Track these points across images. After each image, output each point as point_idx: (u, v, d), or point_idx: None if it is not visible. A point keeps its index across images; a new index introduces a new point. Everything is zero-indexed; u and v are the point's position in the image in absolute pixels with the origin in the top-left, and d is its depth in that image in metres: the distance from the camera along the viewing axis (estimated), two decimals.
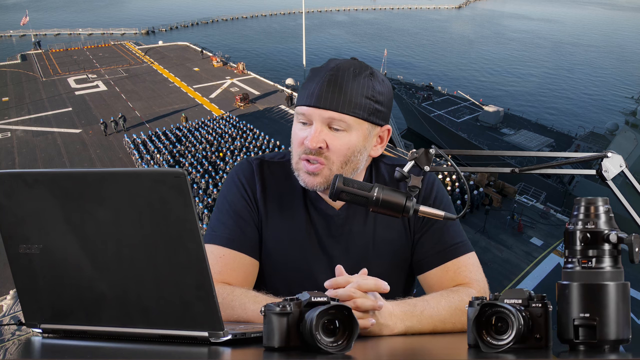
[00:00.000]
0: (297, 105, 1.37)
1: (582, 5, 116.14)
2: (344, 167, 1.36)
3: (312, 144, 1.32)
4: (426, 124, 35.21)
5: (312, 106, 1.32)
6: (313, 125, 1.33)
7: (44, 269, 0.93)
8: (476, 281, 1.37)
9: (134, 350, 0.89)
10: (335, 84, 1.32)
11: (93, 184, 0.88)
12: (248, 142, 27.84)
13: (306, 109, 1.34)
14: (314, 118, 1.33)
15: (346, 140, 1.34)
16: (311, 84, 1.35)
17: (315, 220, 1.44)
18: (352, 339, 0.83)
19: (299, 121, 1.37)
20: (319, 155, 1.33)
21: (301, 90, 1.39)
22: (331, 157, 1.34)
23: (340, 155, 1.34)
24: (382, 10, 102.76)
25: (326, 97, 1.31)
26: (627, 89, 45.32)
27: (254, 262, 1.43)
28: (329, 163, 1.34)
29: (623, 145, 26.36)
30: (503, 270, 17.80)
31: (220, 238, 1.40)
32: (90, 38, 64.79)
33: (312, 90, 1.34)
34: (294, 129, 1.39)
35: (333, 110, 1.31)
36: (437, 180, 1.49)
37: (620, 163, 0.98)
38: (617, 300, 0.82)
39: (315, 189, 1.37)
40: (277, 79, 42.19)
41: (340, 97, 1.32)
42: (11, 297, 14.37)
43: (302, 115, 1.35)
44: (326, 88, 1.32)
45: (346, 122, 1.33)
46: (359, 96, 1.33)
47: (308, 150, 1.33)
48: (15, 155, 28.32)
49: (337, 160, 1.35)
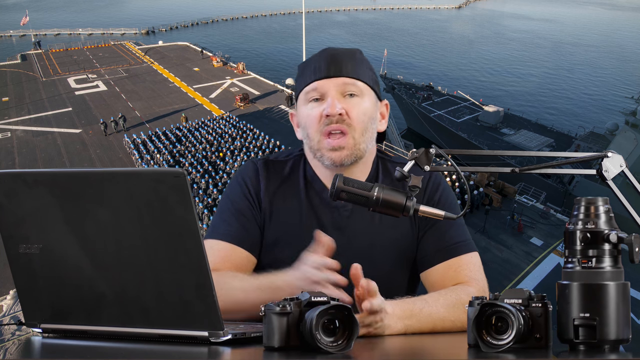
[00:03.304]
0: (305, 85, 1.39)
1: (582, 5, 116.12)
2: (364, 135, 1.38)
3: (333, 110, 1.33)
4: (426, 124, 35.20)
5: (324, 78, 1.36)
6: (328, 97, 1.36)
7: (44, 268, 0.93)
8: (476, 280, 1.37)
9: (134, 350, 0.89)
10: (338, 57, 1.38)
11: (93, 184, 0.88)
12: (248, 142, 27.83)
13: (317, 82, 1.37)
14: (328, 88, 1.36)
15: (363, 105, 1.38)
16: (310, 66, 1.39)
17: (320, 212, 1.44)
18: (352, 338, 0.83)
19: (311, 99, 1.38)
20: (342, 123, 1.35)
21: (301, 77, 1.42)
22: (352, 123, 1.36)
23: (360, 121, 1.37)
24: (382, 10, 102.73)
25: (335, 67, 1.36)
26: (627, 89, 45.28)
27: (250, 258, 1.43)
28: (352, 131, 1.36)
29: (623, 145, 26.35)
30: (503, 270, 17.80)
31: (220, 234, 1.41)
32: (90, 38, 64.79)
33: (317, 66, 1.37)
34: (305, 111, 1.39)
35: (345, 77, 1.36)
36: (443, 181, 1.49)
37: (620, 163, 0.98)
38: (617, 300, 0.82)
39: (344, 163, 1.37)
40: (277, 79, 42.17)
41: (348, 65, 1.37)
42: (11, 297, 14.37)
43: (313, 91, 1.37)
44: (331, 60, 1.37)
45: (359, 87, 1.37)
46: (362, 67, 1.40)
47: (329, 121, 1.34)
48: (15, 155, 28.32)
49: (358, 127, 1.37)
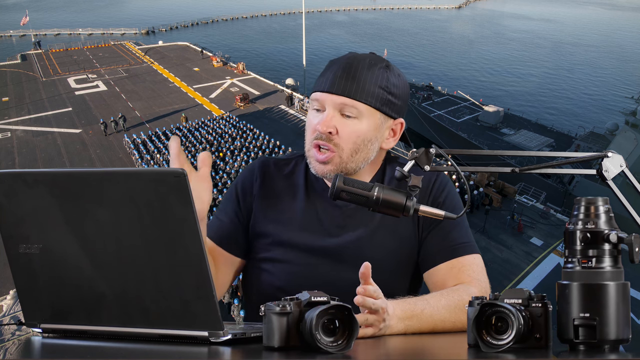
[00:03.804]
0: (313, 92, 1.41)
1: (582, 5, 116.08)
2: (354, 156, 1.37)
3: (322, 127, 1.34)
4: (426, 124, 35.19)
5: (326, 92, 1.35)
6: (325, 111, 1.36)
7: (44, 268, 0.93)
8: (478, 281, 1.37)
9: (134, 350, 0.89)
10: (350, 71, 1.35)
11: (93, 184, 0.88)
12: (248, 142, 27.84)
13: (320, 94, 1.37)
14: (327, 103, 1.36)
15: (357, 127, 1.36)
16: (327, 73, 1.38)
17: (322, 212, 1.43)
18: (352, 338, 0.83)
19: (314, 108, 1.40)
20: (329, 142, 1.35)
21: (318, 79, 1.42)
22: (341, 143, 1.35)
23: (350, 142, 1.36)
24: (382, 10, 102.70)
25: (339, 83, 1.34)
26: (627, 89, 45.29)
27: (227, 256, 1.45)
28: (339, 150, 1.36)
29: (623, 145, 26.36)
30: (503, 270, 17.80)
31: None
32: (90, 38, 64.78)
33: (327, 77, 1.37)
34: (308, 116, 1.42)
35: (345, 96, 1.34)
36: (450, 184, 1.48)
37: (620, 163, 0.98)
38: (617, 300, 0.82)
39: (326, 176, 1.39)
40: (277, 79, 42.17)
41: (354, 84, 1.34)
42: (11, 297, 14.37)
43: (316, 101, 1.38)
44: (340, 74, 1.35)
45: (358, 109, 1.35)
46: (372, 85, 1.35)
47: (319, 135, 1.35)
48: (15, 155, 28.32)
49: (347, 147, 1.36)
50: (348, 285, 1.12)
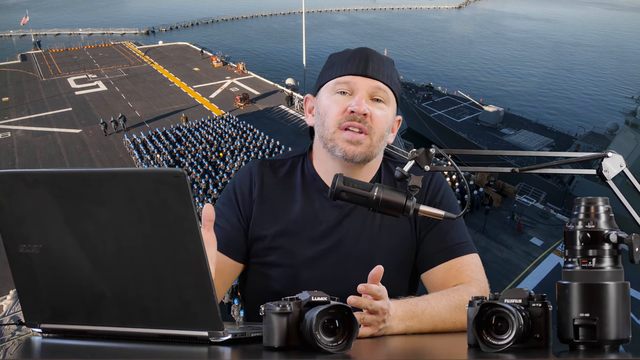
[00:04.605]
0: (336, 75, 1.36)
1: (582, 5, 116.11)
2: (380, 142, 1.37)
3: (361, 108, 1.31)
4: (426, 124, 35.19)
5: (359, 74, 1.33)
6: (357, 94, 1.33)
7: (44, 268, 0.93)
8: (477, 281, 1.37)
9: (134, 350, 0.89)
10: (374, 59, 1.35)
11: (93, 184, 0.88)
12: (248, 142, 27.83)
13: (350, 77, 1.34)
14: (359, 86, 1.34)
15: (385, 112, 1.36)
16: (346, 58, 1.35)
17: (321, 209, 1.42)
18: (352, 338, 0.83)
19: (338, 91, 1.36)
20: (364, 123, 1.33)
21: (332, 68, 1.38)
22: (373, 127, 1.34)
23: (380, 126, 1.35)
24: (382, 10, 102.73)
25: (372, 67, 1.33)
26: (627, 89, 45.29)
27: (228, 261, 1.43)
28: (371, 133, 1.34)
29: (623, 145, 26.36)
30: (503, 270, 17.80)
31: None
32: (90, 38, 64.78)
33: (354, 61, 1.34)
34: (328, 101, 1.37)
35: (379, 80, 1.33)
36: (445, 183, 1.48)
37: (620, 163, 0.98)
38: (617, 300, 0.82)
39: (355, 159, 1.35)
40: (277, 79, 42.16)
41: (384, 70, 1.35)
42: (11, 297, 14.37)
43: (345, 84, 1.35)
44: (371, 59, 1.34)
45: (387, 94, 1.36)
46: (393, 74, 1.37)
47: (352, 117, 1.32)
48: (15, 155, 28.31)
49: (378, 131, 1.35)
50: (348, 286, 1.12)
